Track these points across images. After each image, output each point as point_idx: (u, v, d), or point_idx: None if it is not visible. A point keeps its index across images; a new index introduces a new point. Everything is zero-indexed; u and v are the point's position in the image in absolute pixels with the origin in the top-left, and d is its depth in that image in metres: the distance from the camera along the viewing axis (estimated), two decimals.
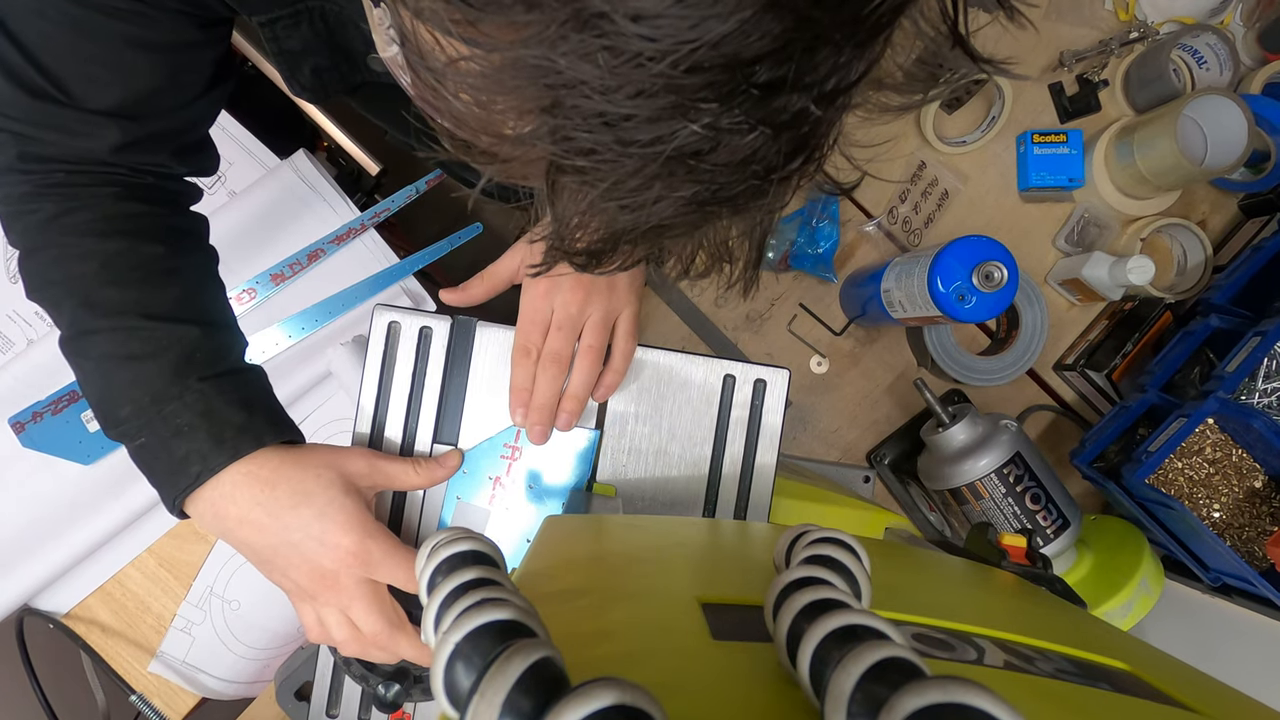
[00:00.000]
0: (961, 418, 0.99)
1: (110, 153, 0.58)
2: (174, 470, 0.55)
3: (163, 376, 0.56)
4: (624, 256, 0.32)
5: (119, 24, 0.53)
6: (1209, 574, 0.97)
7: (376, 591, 0.56)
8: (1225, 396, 0.91)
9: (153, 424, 0.55)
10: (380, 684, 0.60)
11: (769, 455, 0.63)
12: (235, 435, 0.55)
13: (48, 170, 0.58)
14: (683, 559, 0.37)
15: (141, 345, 0.56)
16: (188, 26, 0.57)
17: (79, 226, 0.58)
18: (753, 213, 0.29)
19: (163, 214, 0.63)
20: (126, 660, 0.95)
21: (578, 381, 0.61)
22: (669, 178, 0.26)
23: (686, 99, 0.23)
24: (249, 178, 0.97)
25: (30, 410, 0.87)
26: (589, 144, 0.25)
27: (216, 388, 0.56)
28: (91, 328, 0.57)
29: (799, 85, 0.24)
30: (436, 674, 0.20)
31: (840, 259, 1.12)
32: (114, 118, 0.57)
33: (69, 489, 0.91)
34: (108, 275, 0.57)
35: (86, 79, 0.55)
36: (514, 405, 0.62)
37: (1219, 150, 1.02)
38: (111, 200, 0.60)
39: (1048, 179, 1.09)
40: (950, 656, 0.26)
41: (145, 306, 0.57)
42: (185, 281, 0.61)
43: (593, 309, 0.61)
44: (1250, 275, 1.01)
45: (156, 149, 0.61)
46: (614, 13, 0.21)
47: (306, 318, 0.94)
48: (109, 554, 0.94)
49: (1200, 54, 1.11)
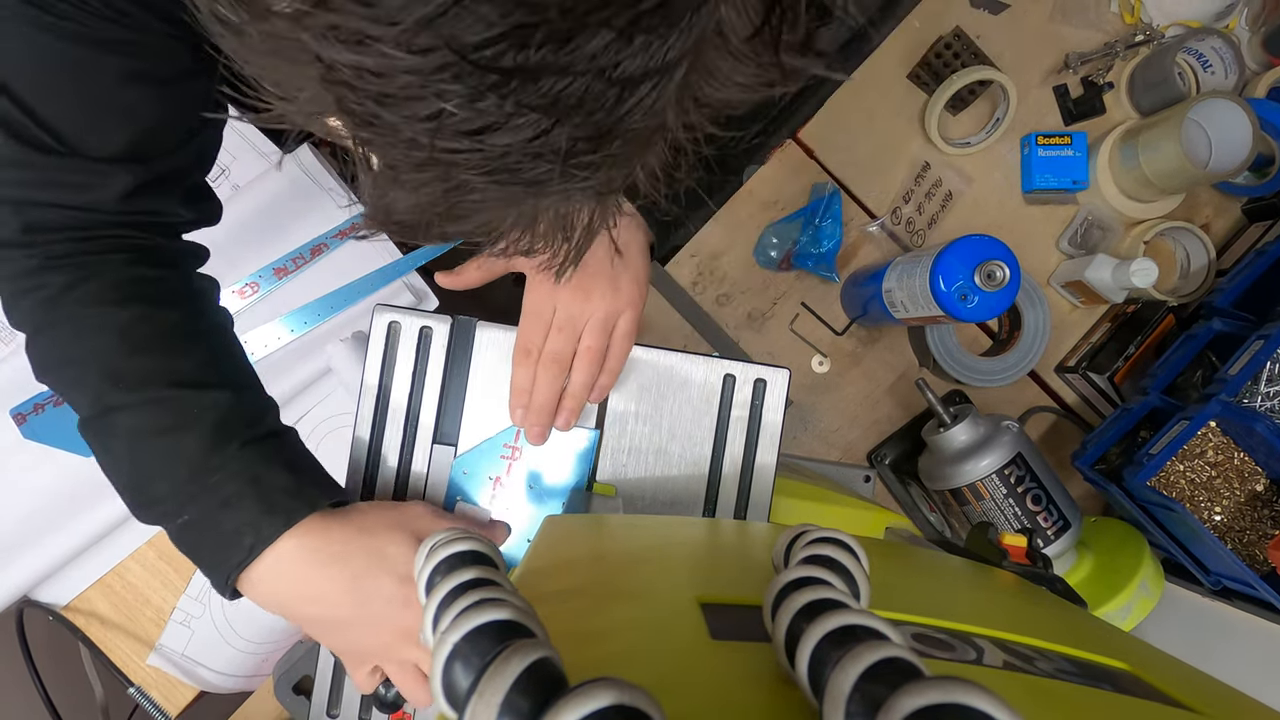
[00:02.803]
0: (963, 418, 0.99)
1: (119, 200, 0.54)
2: (224, 545, 0.52)
3: (201, 446, 0.52)
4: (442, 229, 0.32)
5: (115, 58, 0.50)
6: (1209, 577, 0.97)
7: None
8: (1228, 400, 0.91)
9: (196, 498, 0.51)
10: (381, 685, 0.60)
11: (769, 455, 0.63)
12: (287, 501, 0.52)
13: (52, 241, 0.54)
14: (682, 559, 0.37)
15: (174, 416, 0.52)
16: (183, 53, 0.53)
17: (92, 297, 0.54)
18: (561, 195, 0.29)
19: (175, 277, 0.60)
20: (125, 653, 0.95)
21: (577, 382, 0.61)
22: (454, 154, 0.26)
23: (427, 78, 0.23)
24: (253, 171, 0.97)
25: (32, 402, 0.87)
26: (366, 116, 0.25)
27: (259, 452, 0.53)
28: (117, 404, 0.53)
29: (570, 70, 0.23)
30: (435, 674, 0.20)
31: (842, 259, 1.12)
32: (120, 163, 0.53)
33: (69, 481, 0.91)
34: (128, 345, 0.54)
35: (89, 127, 0.52)
36: (514, 405, 0.62)
37: (1223, 154, 1.02)
38: (122, 266, 0.56)
39: (1052, 181, 1.09)
40: (950, 656, 0.26)
41: (173, 374, 0.54)
42: (208, 345, 0.58)
43: (595, 309, 0.60)
44: (1253, 279, 1.01)
45: (165, 193, 0.58)
46: None
47: (309, 312, 0.94)
48: (109, 546, 0.95)
49: (1205, 58, 1.11)
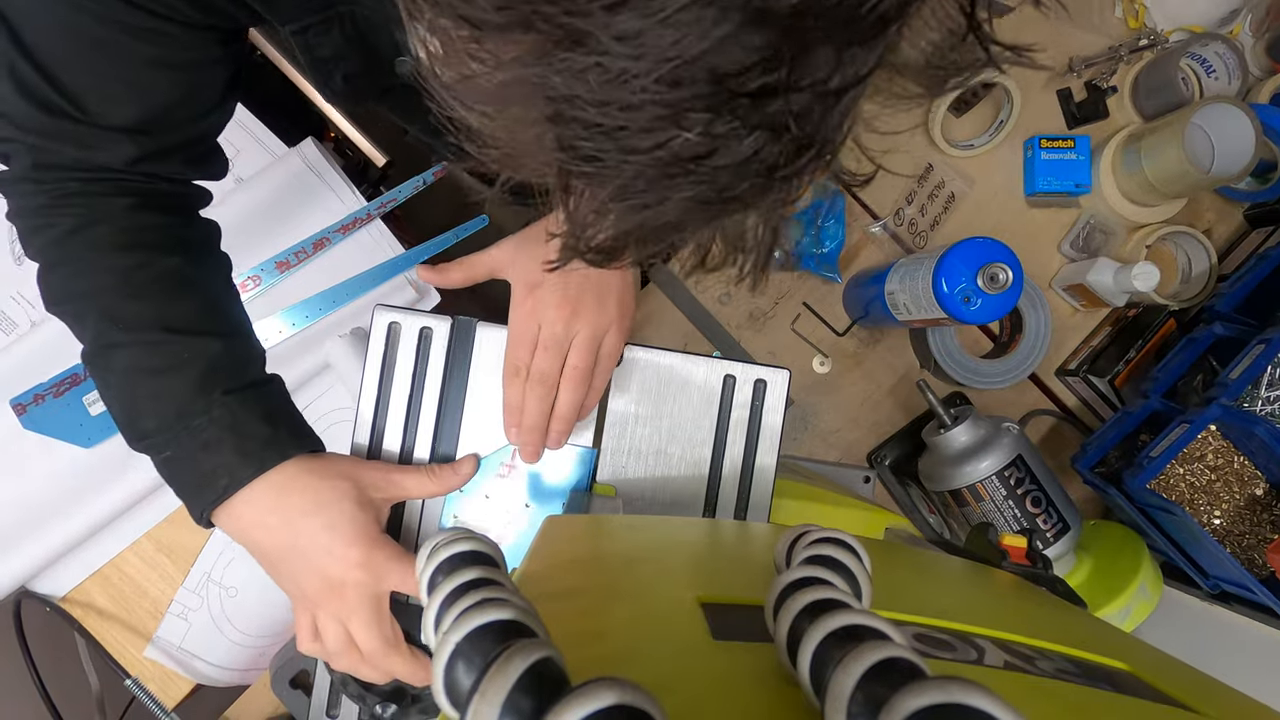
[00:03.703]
0: (963, 420, 0.99)
1: (124, 165, 0.59)
2: (201, 484, 0.56)
3: (187, 390, 0.56)
4: (636, 252, 0.32)
5: (142, 45, 0.54)
6: (1208, 581, 0.97)
7: (378, 608, 0.57)
8: (1228, 403, 0.91)
9: (179, 438, 0.56)
10: (378, 703, 0.60)
11: (769, 456, 0.63)
12: (261, 449, 0.56)
13: (62, 179, 0.58)
14: (683, 559, 0.37)
15: (165, 359, 0.57)
16: (210, 43, 0.57)
17: (97, 241, 0.59)
18: (762, 208, 0.30)
19: (178, 224, 0.64)
20: (122, 644, 0.95)
21: (564, 402, 0.60)
22: (671, 180, 0.26)
23: (676, 110, 0.24)
24: (257, 165, 0.97)
25: (32, 392, 0.87)
26: (591, 151, 0.26)
27: (241, 401, 0.57)
28: (115, 341, 0.57)
29: (796, 87, 0.24)
30: (437, 674, 0.20)
31: (845, 259, 1.12)
32: (130, 133, 0.57)
33: (68, 472, 0.91)
34: (128, 289, 0.58)
35: (104, 97, 0.55)
36: (508, 424, 0.62)
37: (1226, 159, 1.02)
38: (128, 212, 0.60)
39: (1054, 184, 1.09)
40: (951, 657, 0.26)
41: (167, 320, 0.58)
42: (204, 292, 0.61)
43: (580, 326, 0.60)
44: (1255, 284, 1.01)
45: (170, 159, 0.62)
46: (600, 33, 0.22)
47: (310, 306, 0.94)
48: (107, 538, 0.95)
49: (1209, 63, 1.11)
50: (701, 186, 0.27)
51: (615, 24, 0.22)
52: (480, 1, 0.23)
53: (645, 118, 0.24)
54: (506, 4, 0.23)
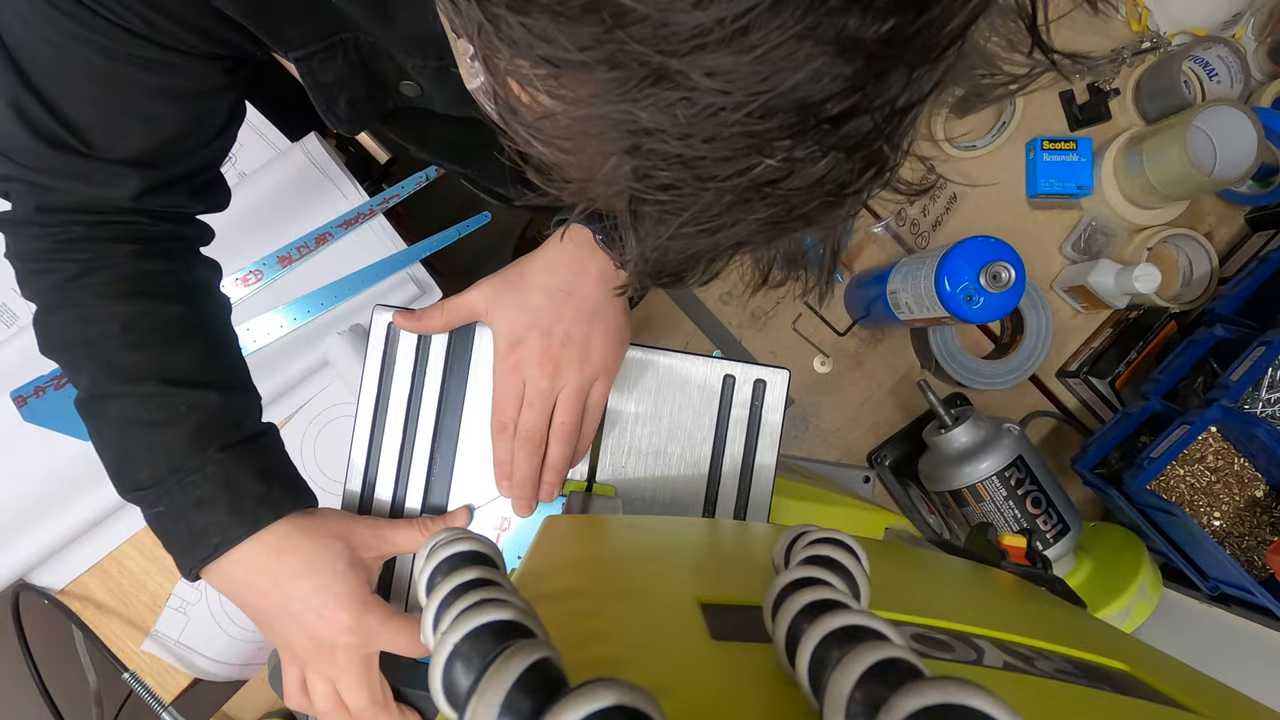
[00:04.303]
0: (964, 420, 0.99)
1: (129, 199, 0.58)
2: (192, 540, 0.55)
3: (182, 444, 0.55)
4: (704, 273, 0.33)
5: (148, 76, 0.53)
6: (1207, 583, 0.97)
7: (368, 668, 0.57)
8: (1229, 405, 0.91)
9: (171, 493, 0.55)
10: None
11: (769, 455, 0.63)
12: (254, 507, 0.55)
13: (66, 223, 0.57)
14: (682, 559, 0.37)
15: (161, 412, 0.56)
16: (216, 72, 0.56)
17: (100, 288, 0.58)
18: (827, 224, 0.30)
19: (180, 270, 0.63)
20: (120, 638, 0.95)
21: (555, 455, 0.60)
22: (745, 204, 0.27)
23: (762, 140, 0.24)
24: (259, 159, 0.97)
25: (32, 385, 0.87)
26: (668, 180, 0.26)
27: (236, 457, 0.56)
28: (110, 392, 0.56)
29: (869, 109, 0.24)
30: (435, 674, 0.20)
31: (847, 259, 1.12)
32: (135, 165, 0.56)
33: (68, 465, 0.91)
34: (128, 338, 0.57)
35: (109, 130, 0.54)
36: (499, 478, 0.61)
37: (1228, 162, 1.02)
38: (131, 259, 0.59)
39: (1056, 186, 1.09)
40: (950, 657, 0.26)
41: (165, 371, 0.57)
42: (204, 340, 0.61)
43: (565, 381, 0.59)
44: (1256, 286, 1.01)
45: (174, 191, 0.61)
46: (690, 70, 0.23)
47: (312, 301, 0.94)
48: (106, 531, 0.94)
49: (1211, 66, 1.11)
50: (775, 208, 0.27)
51: (706, 61, 0.22)
52: (562, 41, 0.23)
53: (729, 148, 0.25)
54: (590, 44, 0.23)
